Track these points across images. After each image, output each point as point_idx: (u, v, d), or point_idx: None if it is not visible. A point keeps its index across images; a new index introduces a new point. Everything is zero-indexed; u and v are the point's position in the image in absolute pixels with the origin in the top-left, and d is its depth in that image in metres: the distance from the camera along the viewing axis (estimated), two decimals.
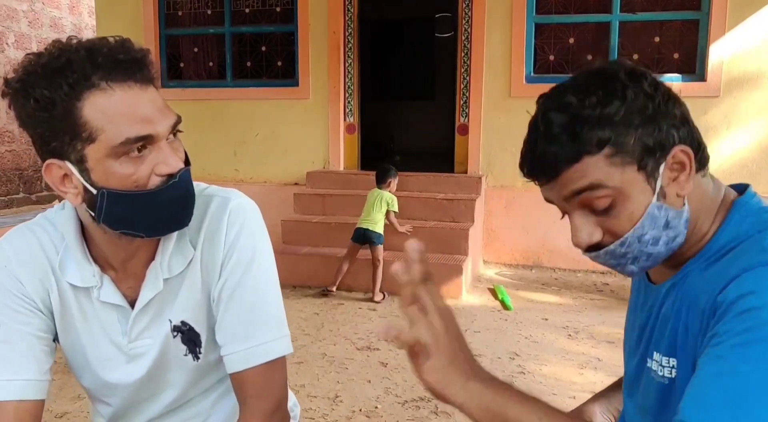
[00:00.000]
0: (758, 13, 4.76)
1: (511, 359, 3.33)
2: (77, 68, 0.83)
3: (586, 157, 0.79)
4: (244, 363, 0.99)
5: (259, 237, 1.02)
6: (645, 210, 0.80)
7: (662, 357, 0.85)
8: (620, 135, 0.78)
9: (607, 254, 0.84)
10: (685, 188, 0.82)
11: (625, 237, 0.82)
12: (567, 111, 0.79)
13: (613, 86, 0.79)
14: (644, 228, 0.81)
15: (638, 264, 0.85)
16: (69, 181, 0.89)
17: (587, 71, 0.83)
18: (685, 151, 0.80)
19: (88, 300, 1.00)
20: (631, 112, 0.78)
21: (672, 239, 0.83)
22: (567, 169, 0.80)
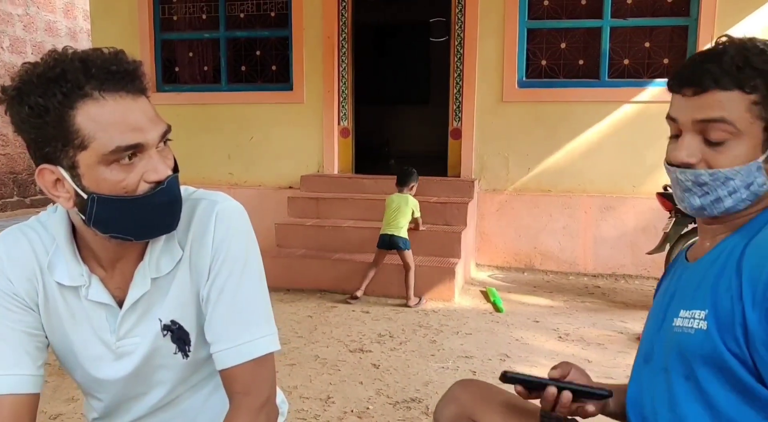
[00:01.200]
0: (745, 20, 4.82)
1: (502, 360, 3.36)
2: (71, 78, 0.87)
3: (736, 91, 0.89)
4: (232, 360, 1.02)
5: (245, 239, 1.06)
6: (747, 162, 0.90)
7: (694, 311, 0.92)
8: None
9: (694, 175, 0.93)
10: None
11: (717, 171, 0.91)
12: (744, 50, 0.90)
13: None
14: (736, 175, 0.91)
15: (704, 201, 0.94)
16: (61, 185, 0.93)
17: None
18: None
19: (77, 299, 1.04)
20: None
21: (742, 200, 0.92)
22: (716, 90, 0.90)
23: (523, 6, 5.26)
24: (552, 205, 5.27)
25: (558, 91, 5.25)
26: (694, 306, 0.93)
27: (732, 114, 0.90)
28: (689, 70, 0.93)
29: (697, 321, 0.91)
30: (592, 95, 5.16)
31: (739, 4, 4.83)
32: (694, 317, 0.92)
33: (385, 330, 3.84)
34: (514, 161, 5.35)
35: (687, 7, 5.01)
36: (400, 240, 4.33)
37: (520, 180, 5.35)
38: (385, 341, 3.65)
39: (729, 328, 0.86)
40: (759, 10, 4.81)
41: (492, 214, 5.41)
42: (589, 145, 5.18)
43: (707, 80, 0.91)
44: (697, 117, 0.92)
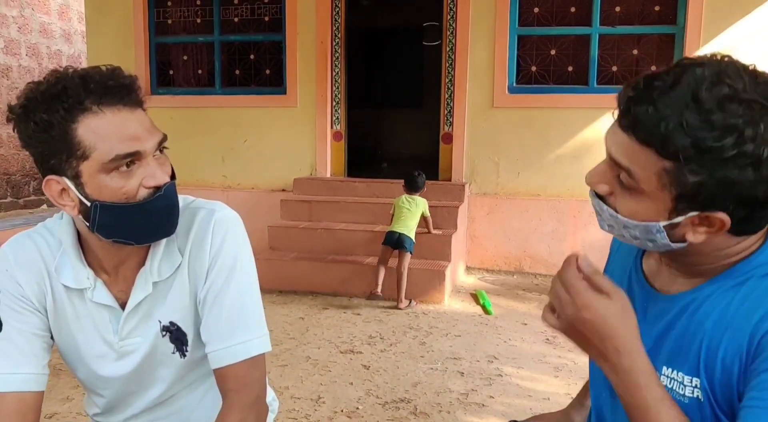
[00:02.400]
0: (731, 28, 4.92)
1: (490, 362, 3.43)
2: (72, 94, 0.94)
3: (652, 150, 0.75)
4: (226, 360, 1.08)
5: (241, 246, 1.13)
6: (647, 221, 0.80)
7: (684, 375, 0.82)
8: (693, 168, 0.73)
9: (598, 206, 0.85)
10: (696, 238, 0.79)
11: (616, 216, 0.82)
12: (695, 107, 0.71)
13: (752, 127, 0.71)
14: (635, 227, 0.81)
15: (612, 231, 0.87)
16: (66, 194, 0.99)
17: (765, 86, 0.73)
18: (722, 220, 0.76)
19: (82, 301, 1.10)
20: (728, 164, 0.71)
21: (651, 248, 0.84)
22: (635, 137, 0.76)
23: (513, 13, 5.34)
24: (541, 209, 5.35)
25: (548, 97, 5.33)
26: (680, 366, 0.83)
27: (639, 171, 0.77)
28: (626, 97, 0.78)
29: (690, 388, 0.81)
30: (581, 101, 5.25)
31: (725, 13, 4.93)
32: (689, 384, 0.81)
33: (375, 331, 3.91)
34: (504, 165, 5.43)
35: (674, 15, 5.11)
36: (408, 241, 4.39)
37: (510, 184, 5.43)
38: (375, 342, 3.72)
39: (727, 400, 0.78)
40: (744, 19, 4.91)
41: (482, 218, 5.49)
42: (578, 150, 5.27)
43: (630, 120, 0.77)
44: (613, 154, 0.81)
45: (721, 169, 0.72)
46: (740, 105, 0.71)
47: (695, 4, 4.95)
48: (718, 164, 0.72)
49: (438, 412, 2.83)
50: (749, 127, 0.70)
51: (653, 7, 5.16)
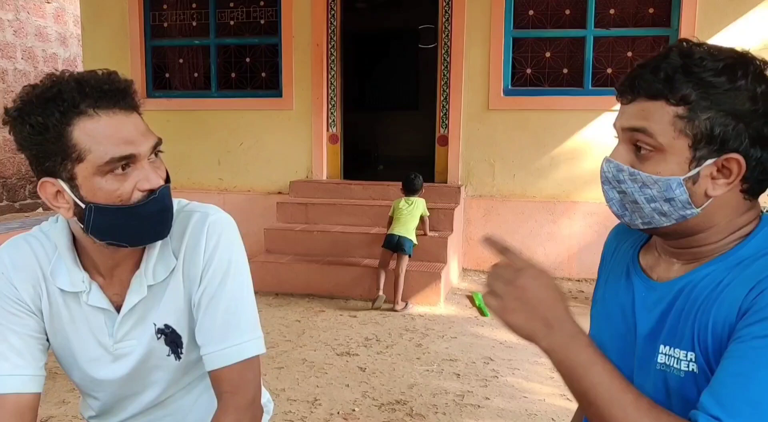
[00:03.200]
0: (724, 31, 4.95)
1: (486, 363, 3.44)
2: (67, 97, 0.95)
3: (662, 101, 0.83)
4: (220, 362, 1.09)
5: (235, 249, 1.14)
6: (668, 176, 0.84)
7: (679, 351, 0.86)
8: (702, 105, 0.81)
9: (616, 167, 0.88)
10: (715, 191, 0.84)
11: (636, 172, 0.86)
12: (687, 57, 0.82)
13: (740, 66, 0.82)
14: (654, 184, 0.85)
15: (623, 199, 0.89)
16: (61, 196, 1.00)
17: (735, 49, 0.85)
18: (738, 162, 0.82)
19: (77, 304, 1.11)
20: (729, 96, 0.81)
21: (660, 213, 0.86)
22: (643, 98, 0.84)
23: (508, 15, 5.36)
24: (537, 211, 5.37)
25: (543, 99, 5.35)
26: (677, 343, 0.87)
27: (654, 126, 0.83)
28: (629, 76, 0.87)
29: (686, 362, 0.85)
30: (576, 103, 5.27)
31: (718, 15, 4.96)
32: (684, 358, 0.85)
33: (371, 334, 3.91)
34: (499, 168, 5.45)
35: (668, 17, 5.13)
36: (408, 243, 4.40)
37: (505, 186, 5.45)
38: (371, 345, 3.73)
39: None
40: (737, 21, 4.94)
41: (478, 220, 5.50)
42: (573, 152, 5.29)
43: (637, 87, 0.85)
44: (625, 125, 0.87)
45: (725, 102, 0.81)
46: (724, 52, 0.84)
47: (689, 7, 4.98)
48: (721, 97, 0.81)
49: (434, 414, 2.84)
50: (738, 67, 0.82)
51: (647, 10, 5.19)
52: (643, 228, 0.91)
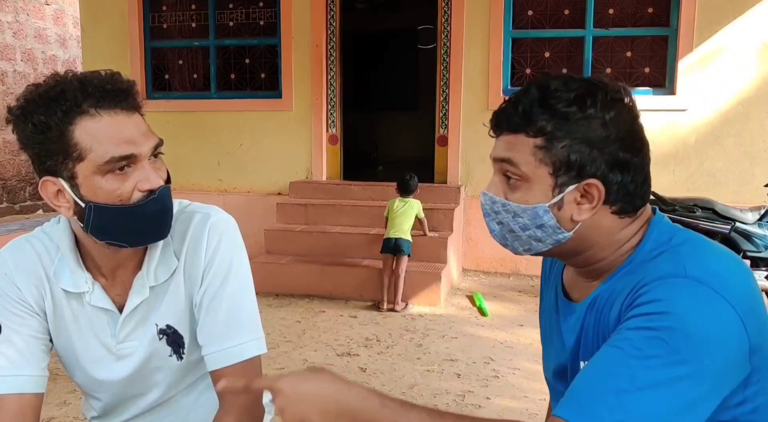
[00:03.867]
0: (723, 30, 4.96)
1: (486, 363, 3.44)
2: (70, 97, 0.95)
3: (521, 134, 0.89)
4: (222, 362, 1.09)
5: (236, 249, 1.14)
6: (534, 204, 0.89)
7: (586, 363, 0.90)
8: (557, 135, 0.86)
9: (490, 200, 0.94)
10: (581, 216, 0.89)
11: (507, 203, 0.92)
12: (544, 91, 0.88)
13: (589, 95, 0.87)
14: (524, 213, 0.90)
15: (501, 230, 0.95)
16: (62, 195, 1.00)
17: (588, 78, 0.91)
18: (597, 187, 0.87)
19: (80, 304, 1.11)
20: (581, 125, 0.86)
21: (536, 239, 0.92)
22: (507, 133, 0.91)
23: (507, 16, 5.37)
24: None
25: None
26: (589, 357, 0.89)
27: (517, 156, 0.89)
28: (496, 112, 0.94)
29: None
30: None
31: (718, 15, 4.96)
32: None
33: (372, 334, 3.92)
34: None
35: (667, 17, 5.14)
36: (405, 244, 4.41)
37: None
38: (372, 345, 3.73)
39: None
40: (736, 21, 4.94)
41: (478, 220, 5.50)
42: None
43: (501, 122, 0.92)
44: (495, 156, 0.93)
45: (578, 131, 0.86)
46: (577, 82, 0.89)
47: (688, 6, 4.99)
48: (574, 126, 0.86)
49: None
50: (588, 96, 0.87)
51: (646, 9, 5.20)
52: (524, 254, 0.97)
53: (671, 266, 0.83)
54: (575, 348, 0.96)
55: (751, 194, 4.85)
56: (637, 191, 0.90)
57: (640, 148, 0.90)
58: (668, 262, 0.84)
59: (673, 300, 0.78)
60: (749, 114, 5.01)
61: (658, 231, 0.92)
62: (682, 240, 0.89)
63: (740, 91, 5.01)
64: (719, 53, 4.99)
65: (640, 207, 0.92)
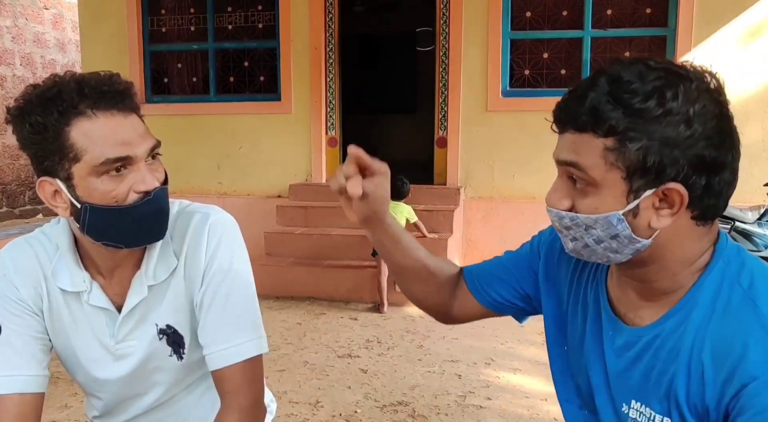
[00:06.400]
0: (721, 31, 4.97)
1: (487, 364, 3.44)
2: (66, 97, 0.95)
3: (589, 134, 0.77)
4: (223, 362, 1.09)
5: (236, 248, 1.14)
6: (607, 213, 0.79)
7: (653, 412, 0.84)
8: (631, 136, 0.75)
9: (557, 216, 0.84)
10: (660, 222, 0.79)
11: (576, 216, 0.82)
12: (616, 83, 0.76)
13: (669, 87, 0.75)
14: (595, 224, 0.80)
15: (576, 245, 0.85)
16: (59, 196, 1.01)
17: (671, 62, 0.79)
18: (679, 192, 0.77)
19: (78, 304, 1.11)
20: (660, 123, 0.74)
21: (613, 251, 0.82)
22: (572, 131, 0.79)
23: (506, 17, 5.38)
24: (537, 212, 5.36)
25: (541, 100, 5.34)
26: (648, 402, 0.85)
27: (584, 160, 0.78)
28: (558, 105, 0.82)
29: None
30: None
31: (715, 15, 4.97)
32: (653, 419, 0.84)
33: (373, 335, 3.91)
34: (499, 169, 5.45)
35: (665, 17, 5.15)
36: None
37: (505, 187, 5.45)
38: (373, 346, 3.73)
39: None
40: (734, 21, 4.95)
41: (478, 221, 5.50)
42: None
43: (566, 118, 0.80)
44: (559, 157, 0.83)
45: (656, 130, 0.75)
46: (655, 72, 0.76)
47: (686, 7, 5.00)
48: (652, 125, 0.75)
49: (436, 415, 2.84)
50: (668, 88, 0.75)
51: (644, 10, 5.21)
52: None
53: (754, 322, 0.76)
54: (624, 375, 0.88)
55: (750, 193, 4.85)
56: (723, 193, 0.79)
57: (729, 143, 0.78)
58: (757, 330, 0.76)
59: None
60: (748, 114, 5.01)
61: (725, 258, 0.83)
62: (751, 281, 0.81)
63: (739, 91, 5.02)
64: (717, 53, 4.99)
65: (721, 212, 0.82)
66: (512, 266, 1.11)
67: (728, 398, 0.76)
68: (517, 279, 1.10)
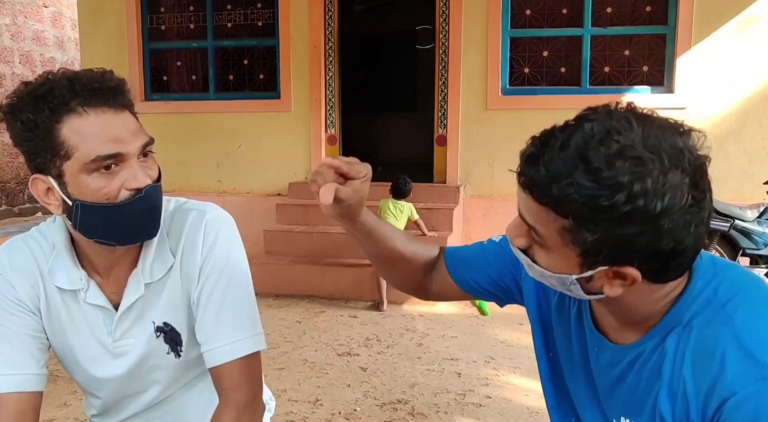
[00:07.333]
0: (721, 29, 4.96)
1: (486, 362, 3.44)
2: (57, 94, 0.95)
3: (549, 208, 0.75)
4: (221, 359, 1.09)
5: (233, 245, 1.13)
6: (560, 273, 0.80)
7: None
8: (590, 228, 0.73)
9: (518, 255, 0.85)
10: (613, 291, 0.79)
11: (532, 266, 0.83)
12: (584, 165, 0.71)
13: (640, 180, 0.69)
14: (551, 278, 0.82)
15: (534, 275, 0.87)
16: (52, 193, 1.00)
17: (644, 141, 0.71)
18: (633, 276, 0.76)
19: (76, 302, 1.11)
20: (623, 223, 0.71)
21: (570, 292, 0.83)
22: (532, 197, 0.77)
23: (505, 15, 5.37)
24: None
25: (541, 99, 5.36)
26: (638, 419, 0.85)
27: (542, 229, 0.77)
28: (523, 166, 0.78)
29: None
30: (574, 102, 5.18)
31: (715, 14, 4.96)
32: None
33: (372, 334, 3.91)
34: (498, 167, 5.44)
35: (665, 15, 5.14)
36: None
37: (504, 185, 5.45)
38: (372, 345, 3.73)
39: None
40: (734, 19, 4.94)
41: (478, 219, 5.50)
42: None
43: (528, 184, 0.76)
44: (519, 210, 0.81)
45: (617, 227, 0.71)
46: (627, 161, 0.70)
47: (686, 4, 4.99)
48: (613, 222, 0.71)
49: (435, 413, 2.84)
50: (638, 182, 0.69)
51: (644, 8, 5.20)
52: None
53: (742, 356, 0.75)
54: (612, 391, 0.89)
55: (750, 192, 4.86)
56: (684, 264, 0.77)
57: (698, 228, 0.73)
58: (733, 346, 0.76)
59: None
60: (748, 112, 5.02)
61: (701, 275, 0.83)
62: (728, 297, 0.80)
63: (739, 89, 5.02)
64: (717, 51, 4.99)
65: (683, 274, 0.80)
66: (494, 259, 1.11)
67: (711, 413, 0.76)
68: (498, 272, 1.10)
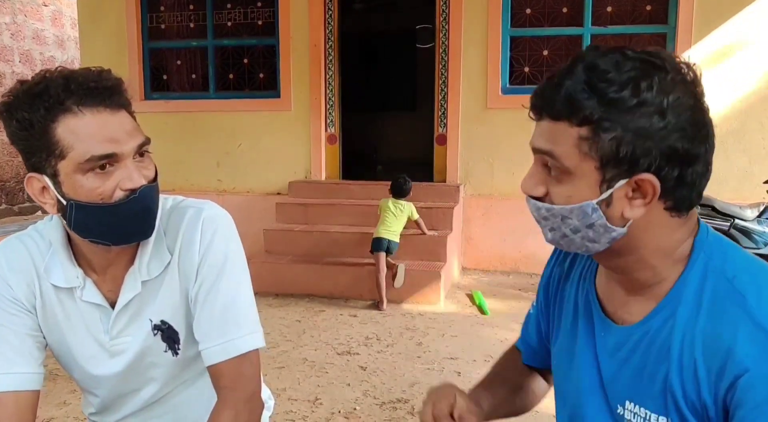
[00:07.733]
0: (721, 28, 4.96)
1: (486, 361, 3.44)
2: (53, 93, 0.94)
3: (564, 123, 0.78)
4: (219, 357, 1.08)
5: (230, 243, 1.13)
6: (580, 202, 0.80)
7: (648, 412, 0.83)
8: (605, 126, 0.76)
9: (535, 207, 0.85)
10: (633, 213, 0.80)
11: (552, 207, 0.82)
12: (592, 72, 0.76)
13: (645, 77, 0.75)
14: (571, 214, 0.81)
15: (554, 235, 0.86)
16: (47, 192, 1.00)
17: (648, 50, 0.78)
18: (651, 183, 0.77)
19: (72, 300, 1.10)
20: (633, 114, 0.75)
21: (590, 240, 0.82)
22: (547, 118, 0.80)
23: (505, 14, 5.37)
24: None
25: None
26: (645, 404, 0.84)
27: (559, 149, 0.79)
28: (535, 92, 0.82)
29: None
30: None
31: (715, 13, 4.96)
32: (651, 420, 0.83)
33: (372, 333, 3.91)
34: (498, 166, 5.44)
35: (665, 15, 5.14)
36: (395, 246, 4.45)
37: (504, 184, 5.44)
38: (372, 344, 3.72)
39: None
40: (734, 18, 4.94)
41: (477, 219, 5.50)
42: None
43: (542, 105, 0.81)
44: (534, 145, 0.83)
45: (630, 120, 0.75)
46: (631, 61, 0.76)
47: (686, 4, 4.99)
48: (626, 115, 0.75)
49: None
50: (643, 79, 0.75)
51: (644, 7, 5.20)
52: (585, 254, 0.90)
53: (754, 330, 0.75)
54: (617, 377, 0.89)
55: (750, 191, 4.85)
56: (696, 185, 0.80)
57: (703, 136, 0.79)
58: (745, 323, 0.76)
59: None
60: (748, 111, 5.01)
61: (707, 250, 0.83)
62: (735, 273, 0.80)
63: (739, 89, 5.01)
64: (717, 50, 4.99)
65: (695, 204, 0.82)
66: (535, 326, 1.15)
67: (723, 391, 0.76)
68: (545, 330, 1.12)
